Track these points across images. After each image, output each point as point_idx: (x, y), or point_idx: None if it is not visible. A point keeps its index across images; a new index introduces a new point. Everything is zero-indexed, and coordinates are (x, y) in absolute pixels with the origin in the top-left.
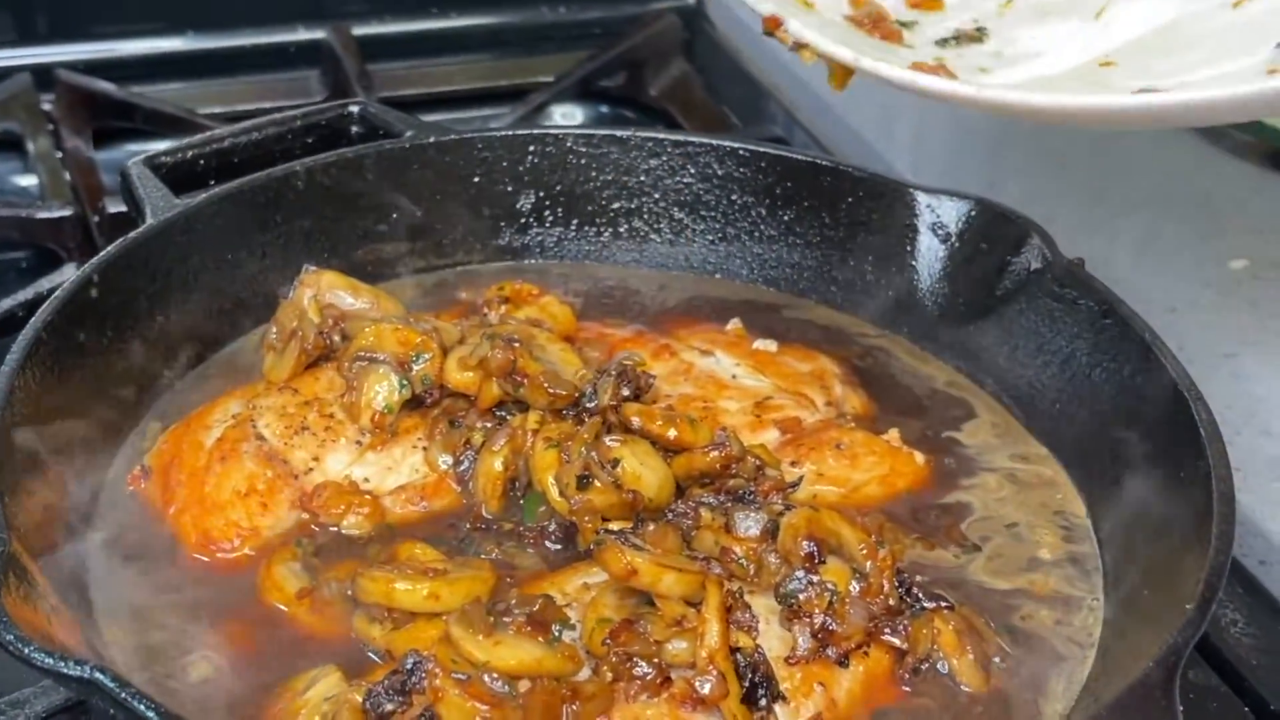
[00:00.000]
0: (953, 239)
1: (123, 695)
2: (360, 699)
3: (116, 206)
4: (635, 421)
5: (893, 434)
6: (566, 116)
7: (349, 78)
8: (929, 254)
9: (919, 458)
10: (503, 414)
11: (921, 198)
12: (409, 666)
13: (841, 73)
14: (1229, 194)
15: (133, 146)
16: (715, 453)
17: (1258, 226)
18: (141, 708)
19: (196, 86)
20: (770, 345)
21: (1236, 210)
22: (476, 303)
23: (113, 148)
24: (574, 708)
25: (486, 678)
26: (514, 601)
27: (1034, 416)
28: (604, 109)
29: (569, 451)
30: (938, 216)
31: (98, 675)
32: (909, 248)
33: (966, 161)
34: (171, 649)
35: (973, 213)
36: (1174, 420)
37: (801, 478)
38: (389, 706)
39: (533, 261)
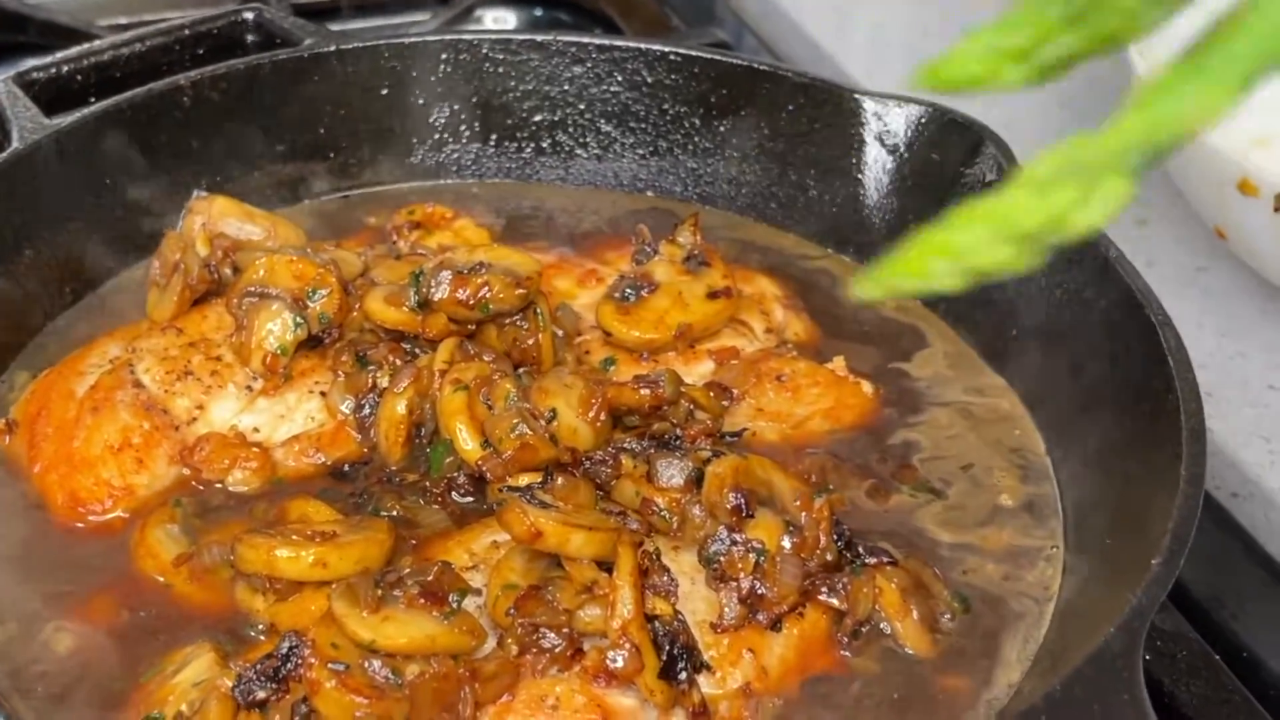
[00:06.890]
0: (901, 149)
1: None
2: (231, 685)
3: None
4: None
5: (838, 362)
6: (498, 22)
7: None
8: (876, 166)
9: (867, 387)
10: (412, 350)
11: (868, 104)
12: (284, 651)
13: None
14: None
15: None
16: (645, 391)
17: None
18: None
19: None
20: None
21: None
22: (386, 229)
23: (5, 69)
24: (473, 689)
25: (369, 664)
26: (407, 570)
27: (990, 344)
28: (538, 13)
29: (491, 398)
30: (885, 124)
31: None
32: (854, 159)
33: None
34: (33, 628)
35: (923, 119)
36: (1140, 348)
37: (744, 430)
38: (261, 694)
39: (448, 181)
